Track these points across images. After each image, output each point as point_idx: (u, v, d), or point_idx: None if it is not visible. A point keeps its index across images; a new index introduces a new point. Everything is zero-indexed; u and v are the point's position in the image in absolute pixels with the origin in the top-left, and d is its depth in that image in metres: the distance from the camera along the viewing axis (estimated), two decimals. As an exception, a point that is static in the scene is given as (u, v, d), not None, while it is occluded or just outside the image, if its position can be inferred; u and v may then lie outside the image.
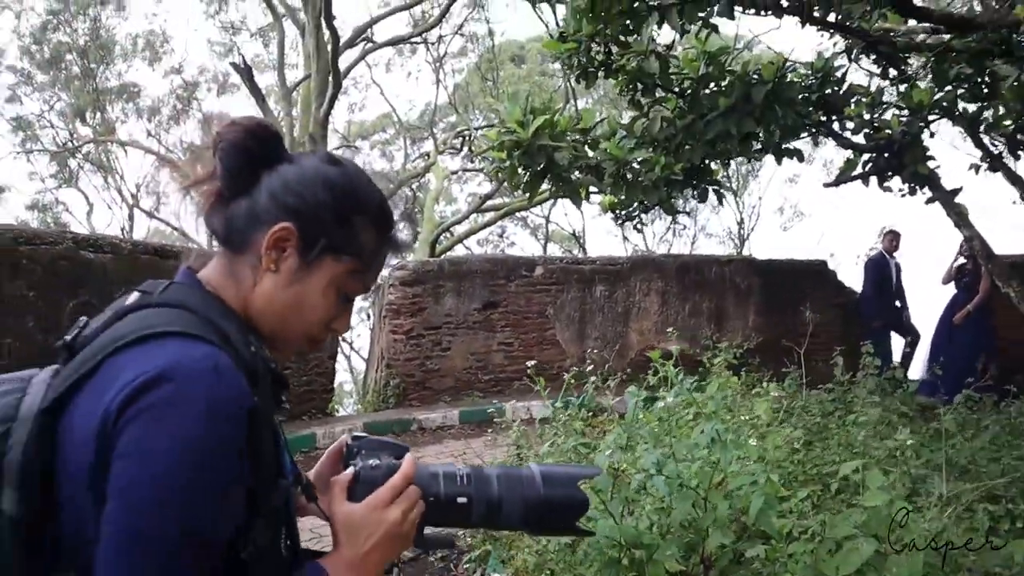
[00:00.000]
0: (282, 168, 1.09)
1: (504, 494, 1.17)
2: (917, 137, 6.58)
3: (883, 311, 9.44)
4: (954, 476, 3.40)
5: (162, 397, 0.89)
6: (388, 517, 1.09)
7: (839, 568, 1.99)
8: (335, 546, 1.11)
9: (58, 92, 26.07)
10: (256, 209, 1.07)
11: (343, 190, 1.12)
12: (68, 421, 0.95)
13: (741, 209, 25.93)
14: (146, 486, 0.88)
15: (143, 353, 0.94)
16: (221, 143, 1.08)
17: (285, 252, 1.07)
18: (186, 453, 0.89)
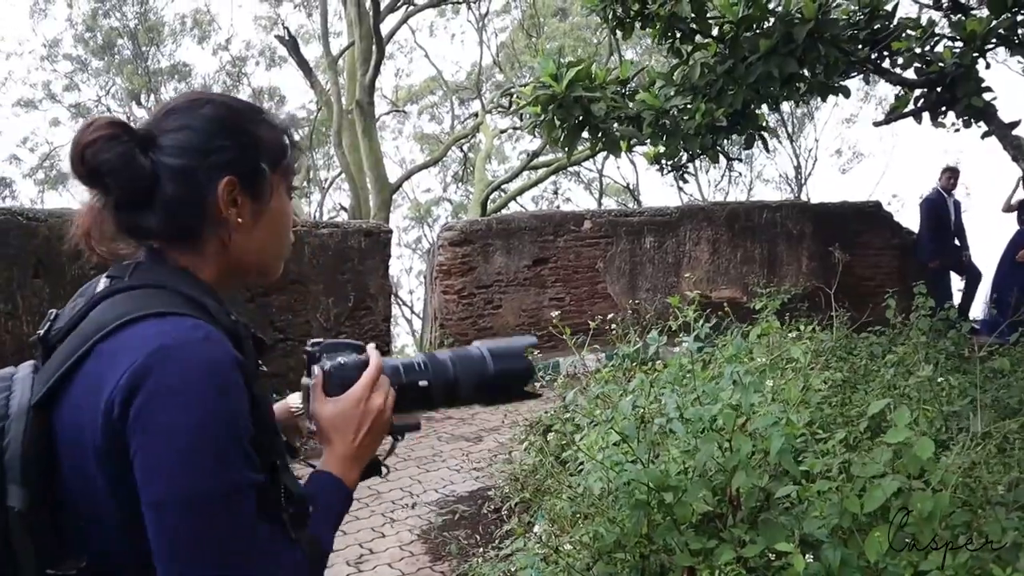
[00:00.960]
0: (162, 142, 1.07)
1: (459, 374, 1.25)
2: (971, 69, 6.35)
3: (941, 251, 9.21)
4: (999, 416, 3.36)
5: (165, 376, 0.93)
6: (372, 406, 1.18)
7: (864, 505, 2.02)
8: (325, 447, 1.18)
9: (112, 77, 26.67)
10: (185, 190, 1.06)
11: (232, 118, 1.12)
12: (64, 411, 0.99)
13: (797, 153, 25.37)
14: (177, 462, 0.92)
15: (133, 336, 0.97)
16: (102, 166, 1.04)
17: (239, 202, 1.09)
18: (203, 421, 0.93)
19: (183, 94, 1.17)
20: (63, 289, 5.33)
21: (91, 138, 1.03)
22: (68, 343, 1.02)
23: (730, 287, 9.83)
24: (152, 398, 0.92)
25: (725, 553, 2.12)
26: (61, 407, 0.99)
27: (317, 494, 1.14)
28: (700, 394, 2.31)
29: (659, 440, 2.36)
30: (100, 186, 1.06)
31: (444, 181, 29.96)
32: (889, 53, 6.56)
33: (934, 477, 2.09)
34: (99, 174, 1.04)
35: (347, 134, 17.76)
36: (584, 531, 2.41)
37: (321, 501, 1.13)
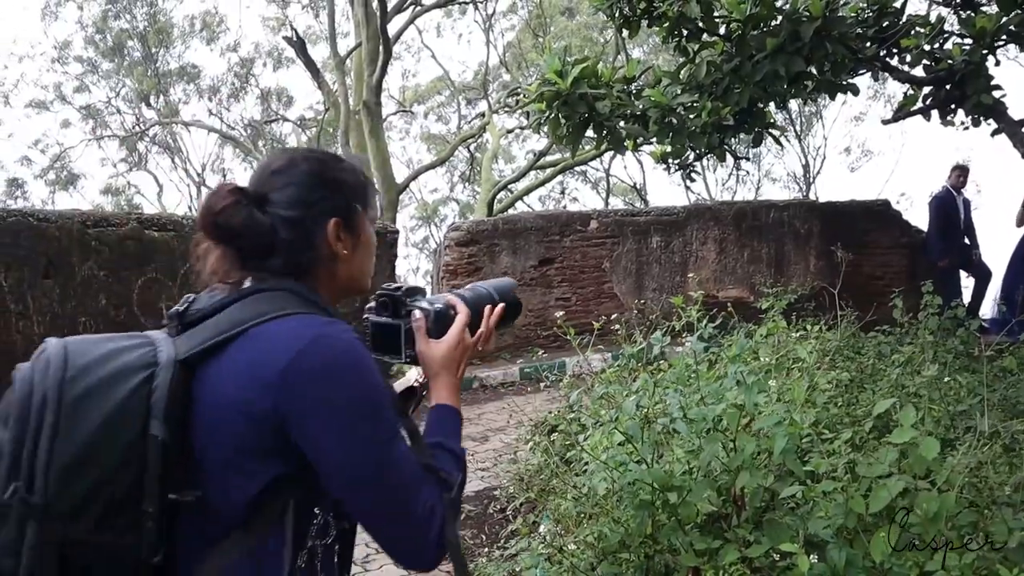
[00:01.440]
0: (273, 198, 1.32)
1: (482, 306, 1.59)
2: (980, 66, 6.31)
3: (950, 250, 9.15)
4: (1008, 415, 3.33)
5: (325, 357, 1.19)
6: (467, 344, 1.50)
7: (869, 506, 2.00)
8: (433, 381, 1.47)
9: (122, 78, 26.77)
10: (298, 234, 1.32)
11: (321, 170, 1.37)
12: (212, 372, 1.22)
13: (805, 151, 25.27)
14: (356, 420, 1.19)
15: (290, 326, 1.23)
16: (233, 228, 1.28)
17: (341, 238, 1.35)
18: (364, 388, 1.21)
19: (278, 154, 1.43)
20: (72, 290, 5.35)
21: (220, 207, 1.28)
22: (217, 322, 1.26)
23: (737, 287, 9.80)
24: (317, 375, 1.18)
25: (729, 553, 2.11)
26: (208, 368, 1.22)
27: (442, 419, 1.43)
28: (704, 394, 2.30)
29: (663, 440, 2.34)
30: (232, 244, 1.30)
31: (451, 181, 30.00)
32: (898, 51, 6.52)
33: (940, 477, 2.07)
34: (231, 236, 1.29)
35: (354, 134, 17.79)
36: (589, 531, 2.40)
37: (448, 426, 1.42)
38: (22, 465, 1.11)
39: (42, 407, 1.13)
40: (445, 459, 1.36)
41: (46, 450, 1.11)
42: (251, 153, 26.78)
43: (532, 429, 4.67)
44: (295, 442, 1.19)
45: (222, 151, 28.88)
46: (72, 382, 1.16)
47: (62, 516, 1.11)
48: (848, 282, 7.99)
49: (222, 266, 1.31)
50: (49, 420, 1.12)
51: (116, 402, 1.16)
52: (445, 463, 1.35)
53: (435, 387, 1.47)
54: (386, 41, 16.52)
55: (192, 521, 1.21)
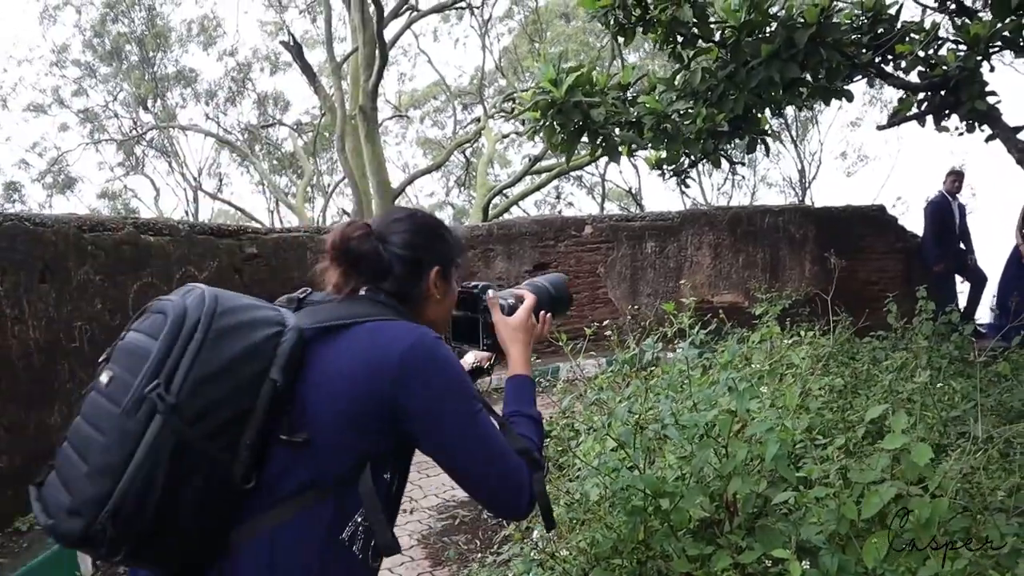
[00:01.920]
0: (392, 239, 1.61)
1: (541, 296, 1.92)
2: (975, 72, 6.33)
3: (945, 255, 9.17)
4: (1002, 420, 3.34)
5: (431, 350, 1.46)
6: (533, 320, 1.84)
7: (861, 512, 2.00)
8: (510, 351, 1.78)
9: (120, 82, 26.75)
10: (409, 272, 1.60)
11: (435, 227, 1.69)
12: (328, 347, 1.46)
13: (801, 156, 25.34)
14: (458, 399, 1.47)
15: (399, 328, 1.49)
16: (362, 254, 1.56)
17: (438, 285, 1.64)
18: (458, 375, 1.49)
19: (400, 208, 1.77)
20: (69, 294, 5.34)
21: (354, 234, 1.57)
22: (337, 309, 1.53)
23: (732, 292, 9.81)
24: (426, 365, 1.44)
25: (722, 560, 2.11)
26: (324, 344, 1.46)
27: (520, 388, 1.73)
28: (697, 400, 2.29)
29: (655, 446, 2.34)
30: (355, 267, 1.57)
31: (447, 186, 30.03)
32: (892, 57, 6.53)
33: (933, 483, 2.07)
34: (358, 260, 1.56)
35: (350, 139, 17.77)
36: (581, 537, 2.40)
37: (524, 393, 1.73)
38: (165, 368, 1.30)
39: (194, 328, 1.34)
40: (525, 424, 1.65)
41: (189, 361, 1.31)
42: (247, 157, 26.78)
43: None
44: (399, 420, 1.43)
45: (219, 156, 28.89)
46: (222, 315, 1.37)
47: (185, 418, 1.29)
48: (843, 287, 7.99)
49: (343, 283, 1.57)
50: (198, 338, 1.33)
51: (252, 342, 1.38)
52: (526, 428, 1.63)
53: (511, 358, 1.78)
54: (382, 46, 16.51)
55: (284, 466, 1.40)
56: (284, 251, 7.59)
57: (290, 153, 28.10)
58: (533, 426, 1.66)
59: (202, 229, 6.86)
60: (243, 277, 7.05)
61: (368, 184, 17.42)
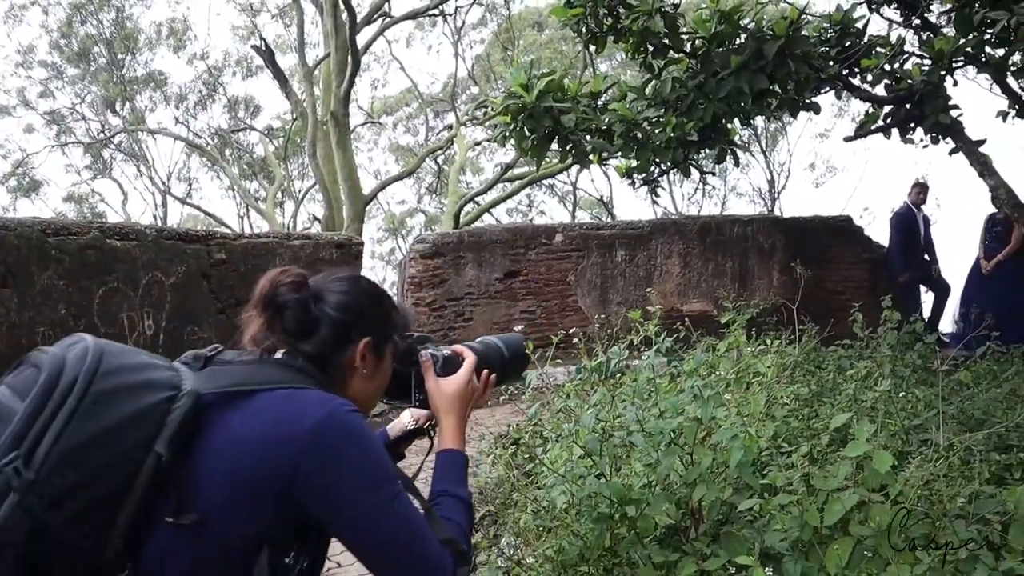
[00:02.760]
0: (327, 298, 1.47)
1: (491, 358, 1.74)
2: (939, 86, 6.45)
3: (910, 265, 9.31)
4: (964, 428, 3.38)
5: (340, 428, 1.31)
6: (476, 384, 1.67)
7: (824, 519, 2.02)
8: (442, 419, 1.62)
9: (88, 84, 26.42)
10: (337, 336, 1.45)
11: (377, 297, 1.56)
12: (230, 416, 1.31)
13: (771, 167, 25.60)
14: (359, 481, 1.30)
15: (311, 398, 1.35)
16: (287, 303, 1.43)
17: (366, 358, 1.49)
18: (371, 455, 1.34)
19: (348, 271, 1.59)
20: (31, 299, 5.25)
21: (285, 281, 1.44)
22: (245, 372, 1.38)
23: (701, 301, 9.87)
24: (336, 442, 1.30)
25: (687, 567, 2.12)
26: (226, 412, 1.31)
27: (449, 465, 1.57)
28: (663, 408, 2.31)
29: (621, 454, 2.35)
30: (279, 316, 1.44)
31: (418, 193, 29.97)
32: (859, 70, 6.64)
33: (894, 490, 2.09)
34: (283, 309, 1.43)
35: (322, 145, 17.69)
36: (548, 545, 2.39)
37: (455, 470, 1.56)
38: (28, 437, 1.14)
39: (69, 388, 1.17)
40: (453, 506, 1.50)
41: (57, 430, 1.15)
42: (218, 162, 26.55)
43: (493, 442, 4.65)
44: (302, 502, 1.29)
45: (189, 160, 28.61)
46: (105, 375, 1.21)
47: (45, 498, 1.12)
48: (810, 296, 8.06)
49: (261, 336, 1.44)
50: (71, 403, 1.17)
51: (136, 409, 1.23)
52: (454, 512, 1.49)
53: (442, 429, 1.63)
54: (355, 52, 16.47)
55: (168, 549, 1.26)
56: (253, 257, 7.52)
57: (261, 158, 27.92)
58: (461, 510, 1.51)
59: (170, 234, 6.78)
60: (211, 283, 6.98)
61: (339, 190, 17.35)
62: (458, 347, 1.71)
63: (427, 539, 1.34)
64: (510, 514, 3.15)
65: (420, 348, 1.65)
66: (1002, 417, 3.80)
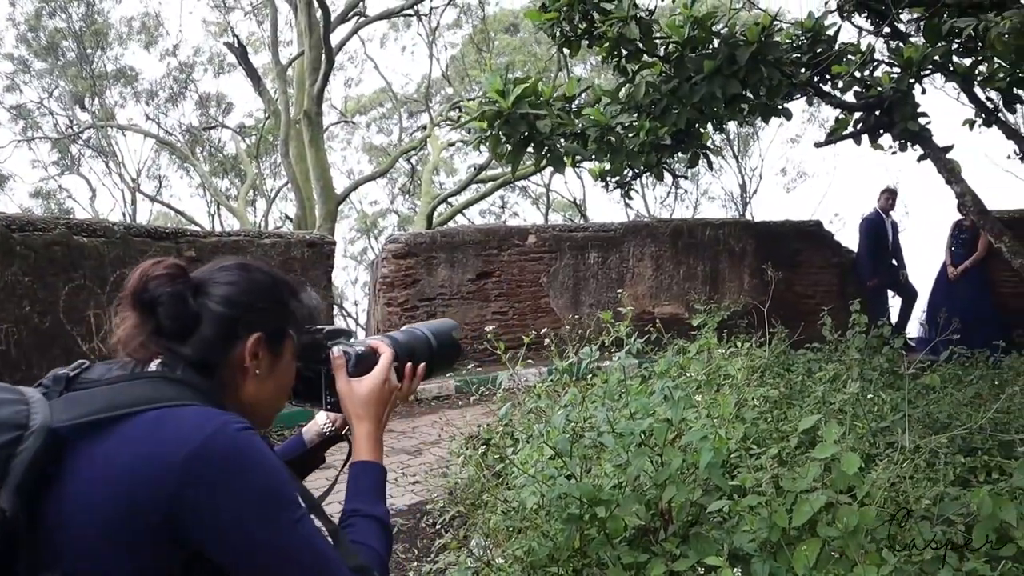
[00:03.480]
0: (210, 291, 1.27)
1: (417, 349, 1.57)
2: (908, 94, 6.54)
3: (878, 270, 9.43)
4: (929, 431, 3.43)
5: (225, 451, 1.12)
6: (393, 383, 1.47)
7: (792, 520, 2.04)
8: (355, 424, 1.43)
9: (56, 79, 26.01)
10: (221, 334, 1.25)
11: (271, 286, 1.34)
12: (94, 448, 1.11)
13: (743, 172, 25.82)
14: (251, 510, 1.13)
15: (189, 418, 1.14)
16: (159, 297, 1.22)
17: (259, 356, 1.29)
18: (263, 476, 1.15)
19: (237, 259, 1.38)
20: (-10, 295, 5.17)
21: (156, 273, 1.23)
22: (109, 395, 1.16)
23: (672, 303, 9.93)
24: (220, 468, 1.11)
25: (656, 567, 2.12)
26: (88, 444, 1.11)
27: (363, 480, 1.39)
28: (634, 409, 2.31)
29: (592, 455, 2.35)
30: (151, 313, 1.23)
31: (392, 193, 29.86)
32: (830, 77, 6.72)
33: (861, 491, 2.12)
34: (154, 304, 1.22)
35: (294, 144, 17.57)
36: (518, 545, 2.39)
37: (370, 485, 1.39)
38: None
39: None
40: (367, 528, 1.34)
41: None
42: (188, 159, 26.27)
43: (464, 443, 4.65)
44: (186, 539, 1.12)
45: (159, 157, 28.26)
46: None
47: None
48: (780, 300, 8.13)
49: (133, 337, 1.23)
50: None
51: None
52: (367, 535, 1.33)
53: (357, 437, 1.43)
54: (328, 51, 16.38)
55: None
56: (224, 255, 7.44)
57: (232, 156, 27.66)
58: (376, 531, 1.34)
59: (138, 231, 6.70)
60: (180, 281, 6.89)
61: (312, 189, 17.24)
62: (374, 342, 1.51)
63: (335, 570, 1.19)
64: (480, 515, 3.14)
65: (331, 344, 1.46)
66: (966, 420, 3.87)
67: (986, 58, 6.37)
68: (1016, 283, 8.12)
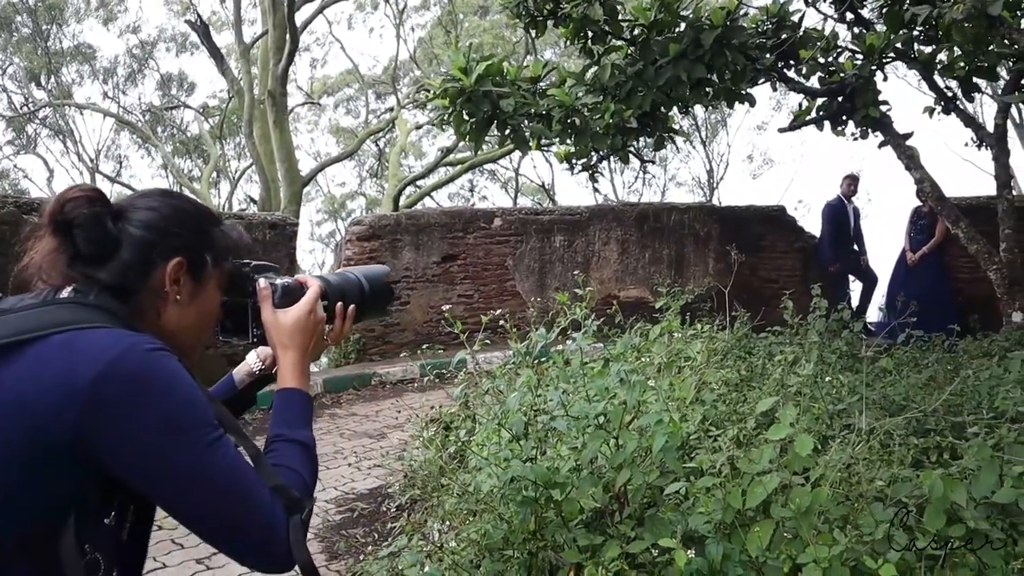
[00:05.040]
0: (131, 215, 1.26)
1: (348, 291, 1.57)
2: (869, 80, 6.60)
3: (840, 255, 9.52)
4: (885, 413, 3.46)
5: (134, 370, 1.10)
6: (320, 315, 1.47)
7: (746, 501, 2.04)
8: (280, 354, 1.42)
9: (10, 55, 25.39)
10: (140, 258, 1.24)
11: (193, 213, 1.34)
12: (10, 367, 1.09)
13: (710, 158, 25.96)
14: (160, 431, 1.11)
15: (100, 339, 1.13)
16: (76, 219, 1.20)
17: (180, 282, 1.28)
18: (174, 396, 1.13)
19: (161, 189, 1.39)
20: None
21: (73, 196, 1.21)
22: (17, 321, 1.14)
23: (638, 287, 9.96)
24: (129, 387, 1.09)
25: (611, 549, 2.11)
26: (12, 361, 1.10)
27: (287, 406, 1.39)
28: (591, 392, 2.30)
29: (545, 437, 2.33)
30: (68, 236, 1.20)
31: (360, 176, 29.63)
32: (794, 62, 6.74)
33: (815, 473, 2.12)
34: (70, 227, 1.20)
35: (258, 124, 17.33)
36: (473, 528, 2.37)
37: (295, 410, 1.38)
38: None
39: None
40: (289, 451, 1.32)
41: None
42: (149, 140, 25.82)
43: (424, 426, 4.62)
44: (97, 459, 1.10)
45: (118, 137, 27.76)
46: None
47: None
48: (744, 284, 8.18)
49: (49, 262, 1.22)
50: None
51: None
52: (289, 457, 1.31)
53: (282, 366, 1.42)
54: (293, 30, 16.14)
55: None
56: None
57: (195, 137, 27.23)
58: (300, 454, 1.33)
59: (94, 211, 6.55)
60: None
61: (276, 170, 17.02)
62: (301, 276, 1.52)
63: (252, 491, 1.17)
64: (435, 497, 3.12)
65: (257, 277, 1.45)
66: (921, 402, 3.91)
67: (946, 46, 6.44)
68: (972, 269, 8.23)
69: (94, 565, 1.13)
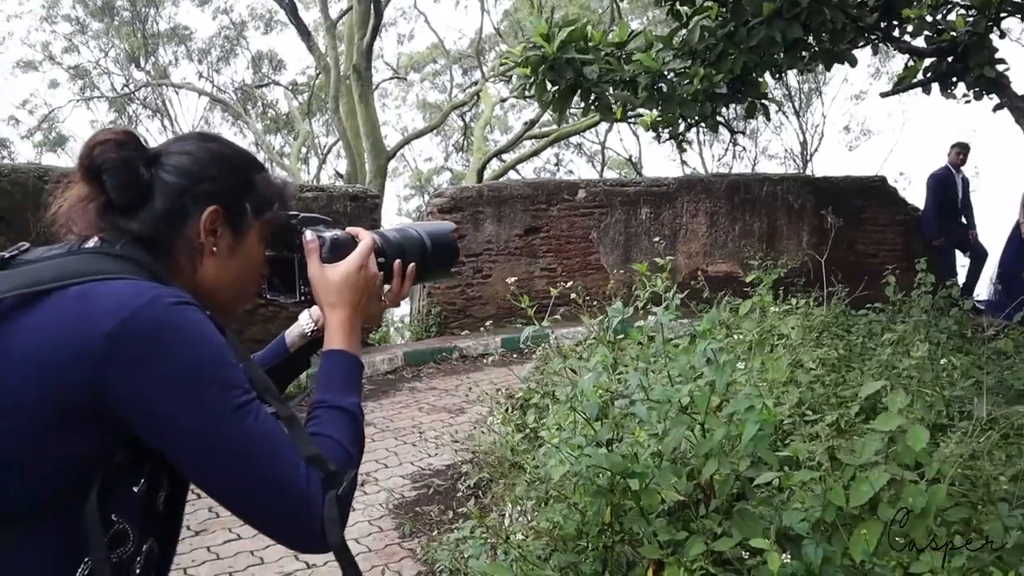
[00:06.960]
0: (164, 160, 1.16)
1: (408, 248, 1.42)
2: (984, 37, 6.09)
3: (946, 229, 8.95)
4: (1003, 400, 3.14)
5: (153, 325, 1.00)
6: (371, 272, 1.32)
7: (850, 498, 1.80)
8: (328, 312, 1.29)
9: (112, 39, 26.30)
10: (173, 206, 1.14)
11: (233, 158, 1.22)
12: (19, 326, 1.01)
13: (804, 129, 25.01)
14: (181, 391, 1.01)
15: (120, 290, 1.03)
16: (104, 164, 1.11)
17: (218, 232, 1.17)
18: (197, 354, 1.03)
19: (198, 131, 1.30)
20: (25, 244, 5.17)
21: (103, 139, 1.12)
22: (38, 270, 1.06)
23: (727, 261, 9.59)
24: (147, 343, 1.00)
25: (695, 546, 1.91)
26: (18, 320, 1.02)
27: (333, 370, 1.25)
28: (674, 373, 2.09)
29: (622, 422, 2.14)
30: (98, 183, 1.11)
31: (446, 150, 29.69)
32: (899, 21, 6.29)
33: (931, 468, 1.87)
34: (100, 172, 1.11)
35: (344, 100, 17.44)
36: (543, 517, 2.20)
37: (340, 375, 1.25)
38: None
39: None
40: (330, 419, 1.19)
41: None
42: (241, 117, 26.41)
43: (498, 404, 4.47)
44: (115, 418, 1.01)
45: (211, 115, 28.48)
46: None
47: None
48: (842, 259, 7.75)
49: (77, 211, 1.12)
50: None
51: None
52: (330, 426, 1.18)
53: (329, 326, 1.29)
54: (376, 4, 16.13)
55: None
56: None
57: (285, 114, 27.72)
58: (343, 422, 1.19)
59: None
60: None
61: (362, 145, 17.12)
62: (354, 229, 1.37)
63: (281, 460, 1.05)
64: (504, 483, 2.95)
65: (304, 230, 1.32)
66: (1045, 388, 3.55)
67: (1073, -2, 5.89)
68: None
69: (121, 535, 1.04)
